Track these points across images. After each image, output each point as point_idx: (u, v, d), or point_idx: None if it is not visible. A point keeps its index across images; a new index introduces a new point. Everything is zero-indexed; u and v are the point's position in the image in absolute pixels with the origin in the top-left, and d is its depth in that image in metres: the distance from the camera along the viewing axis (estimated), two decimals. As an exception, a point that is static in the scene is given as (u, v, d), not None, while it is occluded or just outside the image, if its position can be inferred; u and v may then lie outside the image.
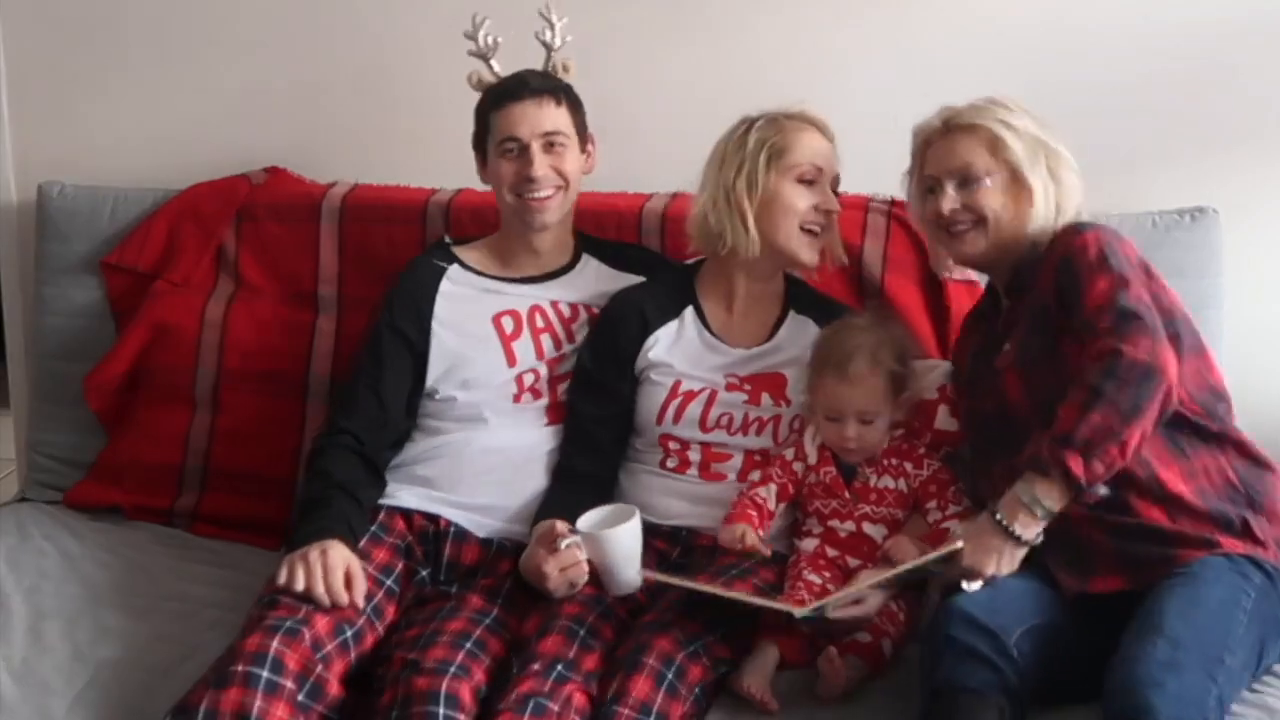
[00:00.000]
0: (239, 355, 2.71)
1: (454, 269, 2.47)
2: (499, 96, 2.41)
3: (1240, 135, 2.64)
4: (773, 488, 2.27)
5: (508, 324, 2.43)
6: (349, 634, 2.09)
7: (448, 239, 2.56)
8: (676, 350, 2.38)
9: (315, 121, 2.89)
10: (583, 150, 2.46)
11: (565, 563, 2.15)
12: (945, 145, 2.20)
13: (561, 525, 2.19)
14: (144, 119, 2.95)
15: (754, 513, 2.23)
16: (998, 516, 1.98)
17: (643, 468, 2.39)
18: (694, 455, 2.35)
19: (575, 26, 2.71)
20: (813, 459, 2.27)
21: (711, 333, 2.40)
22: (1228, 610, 1.94)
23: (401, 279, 2.48)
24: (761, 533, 2.22)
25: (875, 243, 2.55)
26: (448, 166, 2.56)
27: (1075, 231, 2.12)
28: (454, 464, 2.38)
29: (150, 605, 2.36)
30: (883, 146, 2.29)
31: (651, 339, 2.39)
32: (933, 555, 2.01)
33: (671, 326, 2.40)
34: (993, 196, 2.16)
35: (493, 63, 2.48)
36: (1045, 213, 2.16)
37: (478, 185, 2.53)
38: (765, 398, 2.35)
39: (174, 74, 2.93)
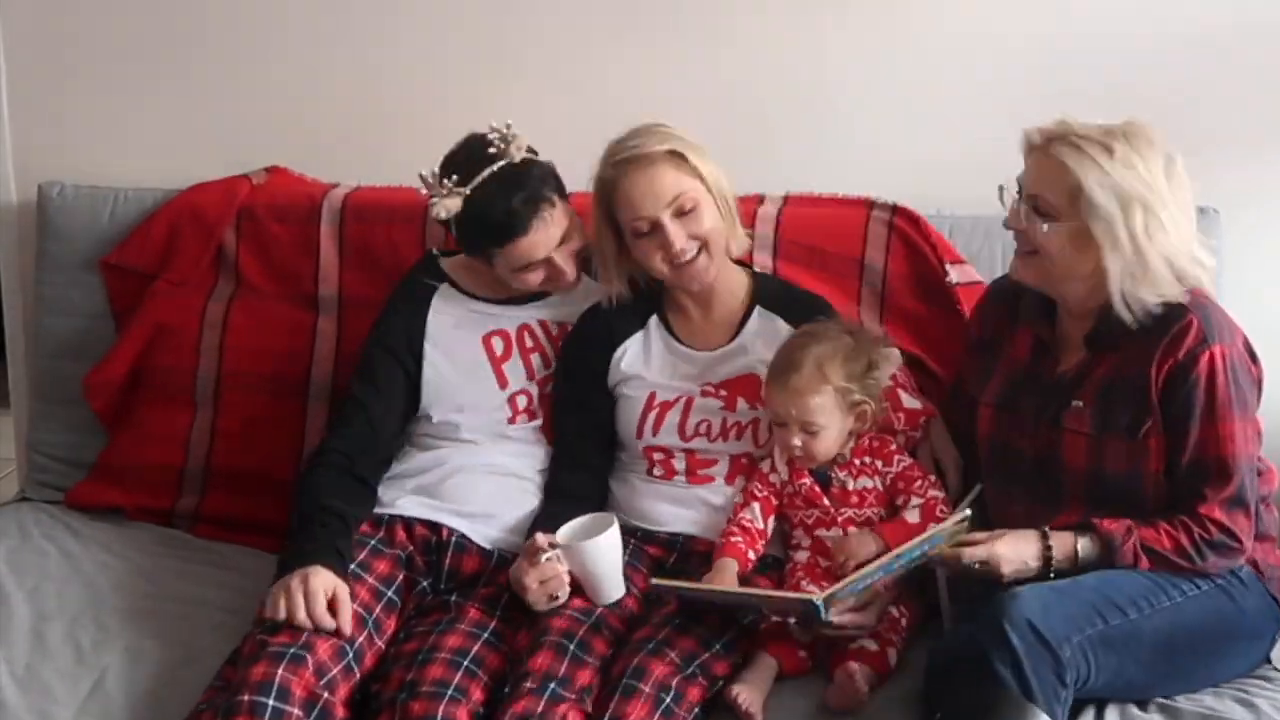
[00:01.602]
0: (239, 356, 2.71)
1: (444, 288, 2.47)
2: (502, 233, 2.30)
3: (1240, 135, 2.64)
4: (756, 507, 2.26)
5: (497, 345, 2.44)
6: (351, 655, 2.08)
7: (435, 250, 2.56)
8: (646, 361, 2.38)
9: (316, 121, 2.88)
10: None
11: (545, 575, 2.15)
12: (1033, 161, 2.04)
13: (541, 538, 2.18)
14: (144, 119, 2.94)
15: (739, 539, 2.22)
16: (1049, 542, 2.01)
17: (633, 475, 2.40)
18: (679, 464, 2.35)
19: (569, 24, 2.71)
20: (784, 474, 2.26)
21: (677, 339, 2.39)
22: (1151, 586, 1.98)
23: (393, 300, 2.48)
24: (753, 554, 2.22)
25: (876, 252, 2.52)
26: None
27: (1202, 341, 1.98)
28: (454, 477, 2.38)
29: (153, 607, 2.36)
30: (882, 148, 2.27)
31: (619, 350, 2.39)
32: (945, 525, 2.01)
33: (637, 337, 2.40)
34: (1051, 239, 2.00)
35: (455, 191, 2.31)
36: (1120, 278, 1.98)
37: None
38: (741, 402, 2.34)
39: (174, 74, 2.92)
